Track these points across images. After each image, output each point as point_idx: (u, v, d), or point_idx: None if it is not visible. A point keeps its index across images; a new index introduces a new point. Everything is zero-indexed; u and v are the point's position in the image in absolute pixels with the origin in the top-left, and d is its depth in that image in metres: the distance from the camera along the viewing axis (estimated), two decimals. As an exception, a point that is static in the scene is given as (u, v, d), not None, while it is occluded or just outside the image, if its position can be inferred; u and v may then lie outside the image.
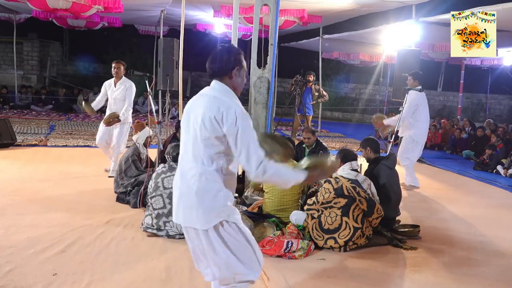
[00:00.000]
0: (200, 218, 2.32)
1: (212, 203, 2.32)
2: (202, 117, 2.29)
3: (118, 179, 5.42)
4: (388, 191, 4.64)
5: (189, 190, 2.34)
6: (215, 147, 2.30)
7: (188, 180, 2.35)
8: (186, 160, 2.40)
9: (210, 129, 2.27)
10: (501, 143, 9.70)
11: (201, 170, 2.32)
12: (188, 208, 2.36)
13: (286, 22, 9.64)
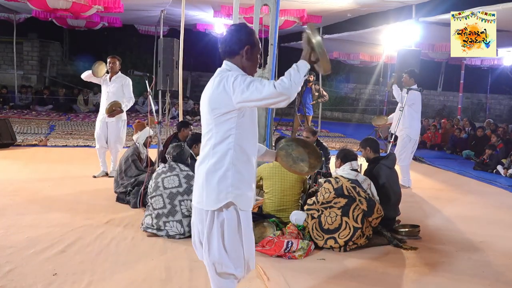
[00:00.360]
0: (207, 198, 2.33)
1: (220, 182, 2.31)
2: (209, 94, 2.31)
3: (118, 179, 5.43)
4: (388, 191, 4.64)
5: (201, 169, 2.36)
6: (225, 124, 2.29)
7: (201, 158, 2.38)
8: (203, 139, 2.41)
9: (217, 103, 2.27)
10: (501, 143, 9.70)
11: (212, 149, 2.32)
12: (198, 187, 2.39)
13: (286, 22, 9.64)
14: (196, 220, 2.50)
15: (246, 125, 2.34)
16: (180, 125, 5.94)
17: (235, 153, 2.31)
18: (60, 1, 7.80)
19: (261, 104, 2.20)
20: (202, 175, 2.36)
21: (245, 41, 2.37)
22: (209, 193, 2.33)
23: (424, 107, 20.81)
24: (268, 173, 4.55)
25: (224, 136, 2.30)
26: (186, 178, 4.27)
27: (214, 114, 2.29)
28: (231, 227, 2.39)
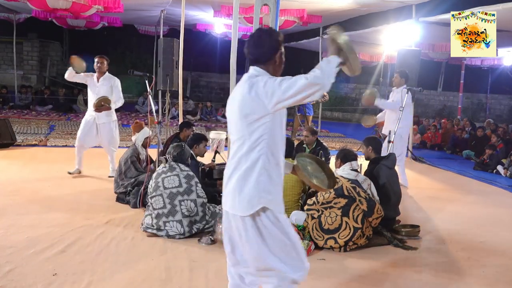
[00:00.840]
0: (241, 204, 2.29)
1: (253, 188, 2.27)
2: (240, 101, 2.28)
3: (118, 179, 5.43)
4: (388, 191, 4.64)
5: (234, 175, 2.33)
6: (258, 130, 2.26)
7: (233, 164, 2.34)
8: (233, 146, 2.39)
9: (250, 105, 2.23)
10: (501, 143, 9.70)
11: (244, 154, 2.29)
12: (231, 192, 2.34)
13: (286, 22, 9.64)
14: (228, 226, 2.43)
15: (277, 130, 2.32)
16: (182, 125, 5.95)
17: (266, 158, 2.29)
18: (60, 1, 7.80)
19: (296, 99, 2.16)
20: (234, 181, 2.32)
21: (277, 46, 2.34)
22: (242, 199, 2.29)
23: (424, 107, 20.93)
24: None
25: (257, 142, 2.28)
26: (186, 178, 4.26)
27: (247, 120, 2.26)
28: (273, 232, 2.31)
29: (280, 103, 2.19)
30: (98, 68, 6.30)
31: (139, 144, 5.59)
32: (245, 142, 2.30)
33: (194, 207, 4.19)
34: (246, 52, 2.38)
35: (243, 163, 2.30)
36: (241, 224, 2.32)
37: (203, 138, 5.35)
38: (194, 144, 5.14)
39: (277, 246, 2.32)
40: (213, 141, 8.12)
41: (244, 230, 2.31)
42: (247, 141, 2.29)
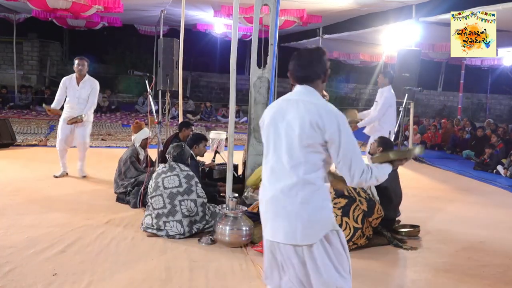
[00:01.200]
0: (305, 232, 2.11)
1: (319, 214, 2.14)
2: (301, 123, 2.12)
3: (118, 180, 5.43)
4: (390, 193, 4.63)
5: (290, 203, 2.13)
6: (319, 154, 2.14)
7: (286, 191, 2.14)
8: (279, 170, 2.18)
9: (311, 136, 2.11)
10: (501, 143, 9.70)
11: (303, 180, 2.12)
12: (289, 222, 2.12)
13: (286, 22, 9.63)
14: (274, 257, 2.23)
15: None
16: (181, 125, 5.95)
17: (326, 180, 2.20)
18: (60, 1, 7.79)
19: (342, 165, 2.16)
20: (294, 207, 2.12)
21: (325, 64, 2.29)
22: (304, 227, 2.11)
23: (424, 107, 20.93)
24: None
25: (317, 166, 2.16)
26: (186, 178, 4.26)
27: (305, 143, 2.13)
28: (337, 249, 2.21)
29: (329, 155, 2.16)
30: (79, 71, 6.16)
31: (137, 145, 5.60)
32: (301, 164, 2.14)
33: (194, 207, 4.19)
34: (295, 70, 2.26)
35: (300, 187, 2.13)
36: (306, 253, 2.14)
37: (203, 138, 5.36)
38: (194, 144, 5.14)
39: (340, 262, 2.23)
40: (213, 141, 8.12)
41: (311, 258, 2.14)
42: (303, 164, 2.14)
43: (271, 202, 2.21)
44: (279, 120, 2.22)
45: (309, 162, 2.14)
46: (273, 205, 2.20)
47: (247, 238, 4.05)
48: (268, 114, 2.29)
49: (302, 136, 2.12)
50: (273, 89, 5.24)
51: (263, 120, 2.33)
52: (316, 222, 2.14)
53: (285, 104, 2.24)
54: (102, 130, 10.95)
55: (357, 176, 2.13)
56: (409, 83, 8.49)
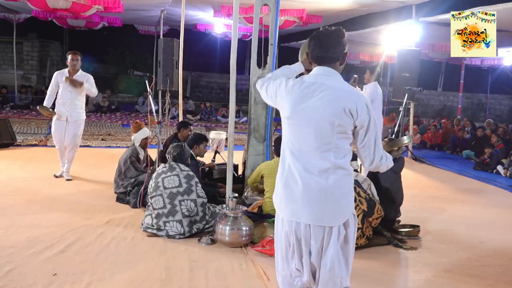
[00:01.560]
0: (333, 214, 2.16)
1: (346, 198, 2.20)
2: (335, 108, 2.11)
3: (118, 180, 5.43)
4: (392, 195, 4.62)
5: (321, 186, 2.14)
6: (348, 140, 2.19)
7: (316, 175, 2.15)
8: (309, 153, 2.18)
9: (344, 121, 2.11)
10: (501, 143, 9.70)
11: (334, 164, 2.15)
12: (318, 204, 2.15)
13: (286, 22, 9.64)
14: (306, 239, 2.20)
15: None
16: (179, 125, 5.96)
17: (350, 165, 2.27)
18: (60, 1, 7.79)
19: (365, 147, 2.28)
20: (325, 190, 2.15)
21: (345, 45, 2.24)
22: (334, 209, 2.16)
23: (424, 107, 20.93)
24: (269, 172, 4.54)
25: (346, 152, 2.22)
26: (186, 178, 4.26)
27: (338, 129, 2.15)
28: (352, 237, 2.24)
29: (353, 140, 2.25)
30: (73, 65, 6.05)
31: (137, 144, 5.61)
32: (331, 149, 2.17)
33: (194, 207, 4.19)
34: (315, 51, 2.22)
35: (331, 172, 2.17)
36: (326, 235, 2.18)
37: (203, 138, 5.37)
38: (194, 145, 5.15)
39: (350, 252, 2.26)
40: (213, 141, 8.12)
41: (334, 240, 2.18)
42: (333, 149, 2.17)
43: (300, 184, 2.19)
44: (305, 105, 2.18)
45: (340, 147, 2.17)
46: (300, 187, 2.19)
47: (247, 238, 4.05)
48: (295, 99, 2.21)
49: (335, 122, 2.12)
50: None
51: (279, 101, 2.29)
52: (344, 206, 2.19)
53: (311, 87, 2.19)
54: (102, 130, 10.95)
55: (377, 159, 2.25)
56: (409, 83, 8.49)
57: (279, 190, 2.29)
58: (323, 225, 2.16)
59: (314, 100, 2.16)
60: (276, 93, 2.30)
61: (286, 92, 2.24)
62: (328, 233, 2.17)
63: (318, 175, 2.16)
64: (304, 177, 2.18)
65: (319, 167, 2.16)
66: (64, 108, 6.05)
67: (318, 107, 2.14)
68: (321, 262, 2.20)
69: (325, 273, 2.20)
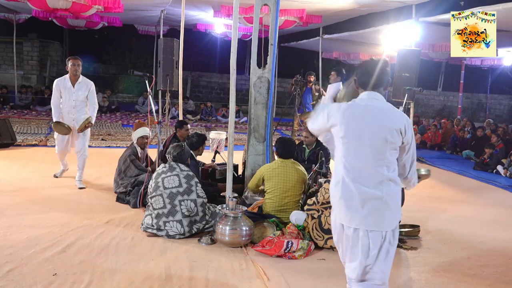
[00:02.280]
0: (387, 221, 2.46)
1: (397, 205, 2.52)
2: (388, 128, 2.44)
3: (118, 179, 5.43)
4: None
5: (376, 197, 2.45)
6: (395, 155, 2.50)
7: (371, 188, 2.46)
8: (363, 168, 2.48)
9: (395, 139, 2.45)
10: (501, 143, 9.71)
11: (387, 176, 2.46)
12: (376, 212, 2.45)
13: (286, 22, 9.63)
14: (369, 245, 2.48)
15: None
16: (176, 125, 6.00)
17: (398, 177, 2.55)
18: (60, 1, 7.79)
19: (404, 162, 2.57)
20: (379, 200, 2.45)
21: (389, 74, 2.60)
22: (390, 215, 2.47)
23: (424, 107, 20.93)
24: (270, 174, 4.54)
25: (395, 166, 2.52)
26: (186, 178, 4.27)
27: (390, 146, 2.47)
28: (396, 240, 2.54)
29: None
30: (75, 71, 5.77)
31: (134, 142, 5.64)
32: (384, 164, 2.47)
33: (194, 207, 4.19)
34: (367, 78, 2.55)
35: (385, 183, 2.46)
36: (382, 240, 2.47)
37: (205, 138, 5.41)
38: (199, 146, 5.22)
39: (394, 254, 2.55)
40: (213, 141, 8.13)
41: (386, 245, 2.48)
42: (387, 163, 2.47)
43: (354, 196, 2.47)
44: (360, 125, 2.48)
45: (391, 162, 2.49)
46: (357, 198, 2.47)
47: (247, 238, 4.05)
48: (348, 118, 2.50)
49: (388, 139, 2.44)
50: (273, 89, 5.24)
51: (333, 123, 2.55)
52: (395, 213, 2.51)
53: (363, 109, 2.51)
54: (102, 130, 10.95)
55: (412, 172, 2.59)
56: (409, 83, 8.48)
57: (337, 201, 2.56)
58: (380, 230, 2.46)
59: (368, 121, 2.47)
60: (329, 117, 2.57)
61: (341, 115, 2.52)
62: (383, 237, 2.47)
63: (373, 187, 2.46)
64: (360, 190, 2.47)
65: (374, 180, 2.46)
66: (69, 116, 5.86)
67: (372, 127, 2.46)
68: (375, 262, 2.48)
69: (376, 270, 2.49)
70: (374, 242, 2.47)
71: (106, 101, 14.74)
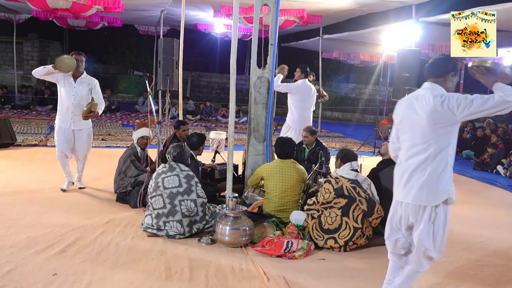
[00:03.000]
0: (429, 196, 2.81)
1: (442, 182, 2.79)
2: (430, 112, 2.77)
3: (118, 179, 5.43)
4: (392, 195, 4.60)
5: (421, 173, 2.81)
6: (446, 135, 2.78)
7: (416, 164, 2.83)
8: (412, 148, 2.87)
9: (441, 120, 2.75)
10: (501, 143, 9.71)
11: (432, 156, 2.79)
12: (419, 187, 2.82)
13: (286, 22, 9.64)
14: (407, 215, 2.92)
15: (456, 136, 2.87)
16: (174, 125, 6.02)
17: (451, 158, 2.83)
18: (60, 1, 7.80)
19: (485, 113, 2.74)
20: (422, 177, 2.81)
21: (451, 68, 2.93)
22: (430, 192, 2.80)
23: (424, 107, 20.85)
24: (269, 173, 4.55)
25: (444, 145, 2.79)
26: (186, 178, 4.26)
27: (437, 128, 2.78)
28: (441, 219, 2.87)
29: (469, 116, 2.74)
30: (78, 67, 5.38)
31: (134, 142, 5.65)
32: (431, 145, 2.80)
33: (194, 207, 4.19)
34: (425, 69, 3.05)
35: (429, 162, 2.80)
36: (424, 214, 2.84)
37: (204, 138, 5.41)
38: (200, 146, 5.23)
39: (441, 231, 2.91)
40: (213, 141, 8.13)
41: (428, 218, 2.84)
42: (433, 144, 2.80)
43: (405, 172, 2.90)
44: (411, 111, 2.89)
45: (439, 141, 2.79)
46: (408, 174, 2.88)
47: (247, 238, 4.05)
48: (401, 108, 2.99)
49: (433, 117, 2.77)
50: (273, 89, 5.24)
51: (396, 113, 3.04)
52: (439, 190, 2.81)
53: (414, 98, 2.91)
54: (102, 130, 10.95)
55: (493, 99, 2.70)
56: (409, 83, 8.50)
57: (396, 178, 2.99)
58: (422, 204, 2.83)
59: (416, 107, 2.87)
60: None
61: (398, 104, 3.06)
62: (422, 211, 2.84)
63: (419, 164, 2.82)
64: (411, 166, 2.86)
65: (418, 158, 2.82)
66: (67, 114, 5.43)
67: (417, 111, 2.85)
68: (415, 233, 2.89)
69: (416, 241, 2.91)
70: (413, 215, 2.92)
71: (106, 101, 14.71)
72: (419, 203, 2.84)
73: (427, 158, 2.80)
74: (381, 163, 4.87)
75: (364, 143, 10.76)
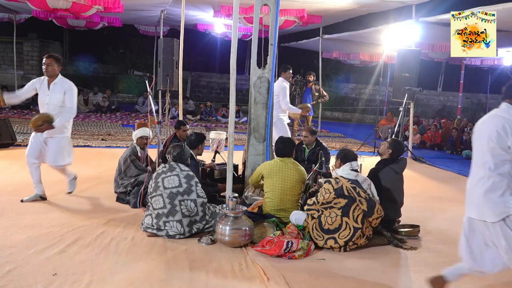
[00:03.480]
0: (488, 211, 2.89)
1: (499, 200, 2.86)
2: (489, 131, 2.90)
3: (118, 179, 5.43)
4: (392, 195, 4.62)
5: (479, 190, 2.94)
6: (500, 156, 2.86)
7: (477, 181, 2.96)
8: (476, 166, 3.01)
9: (495, 141, 2.85)
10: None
11: (488, 174, 2.90)
12: (479, 204, 2.94)
13: (286, 22, 9.64)
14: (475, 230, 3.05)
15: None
16: (174, 126, 6.02)
17: (510, 177, 2.89)
18: (60, 1, 7.80)
19: None
20: (481, 193, 2.93)
21: None
22: (489, 208, 2.89)
23: (424, 107, 20.91)
24: (269, 172, 4.55)
25: (500, 164, 2.88)
26: (186, 178, 4.26)
27: (490, 147, 2.88)
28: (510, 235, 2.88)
29: None
30: (46, 71, 4.99)
31: (134, 141, 5.65)
32: (487, 162, 2.90)
33: (194, 207, 4.19)
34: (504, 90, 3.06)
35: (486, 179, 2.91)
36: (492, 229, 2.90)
37: (204, 137, 5.41)
38: (199, 145, 5.22)
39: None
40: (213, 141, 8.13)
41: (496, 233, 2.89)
42: (489, 161, 2.89)
43: (468, 188, 3.05)
44: (481, 130, 3.02)
45: (494, 161, 2.88)
46: (470, 191, 3.03)
47: (247, 238, 4.05)
48: (477, 127, 3.09)
49: (489, 141, 2.88)
50: (273, 89, 5.24)
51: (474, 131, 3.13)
52: (496, 206, 2.87)
53: (489, 118, 3.02)
54: (102, 130, 10.95)
55: None
56: (409, 83, 8.51)
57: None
58: (484, 220, 2.92)
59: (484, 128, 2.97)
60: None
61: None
62: (488, 226, 2.91)
63: (477, 180, 2.96)
64: (471, 183, 3.02)
65: (480, 175, 2.95)
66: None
67: (483, 132, 2.96)
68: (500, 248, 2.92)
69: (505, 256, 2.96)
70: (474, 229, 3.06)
71: (106, 101, 14.74)
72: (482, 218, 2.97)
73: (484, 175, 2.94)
74: (379, 163, 4.87)
75: (364, 143, 10.77)
